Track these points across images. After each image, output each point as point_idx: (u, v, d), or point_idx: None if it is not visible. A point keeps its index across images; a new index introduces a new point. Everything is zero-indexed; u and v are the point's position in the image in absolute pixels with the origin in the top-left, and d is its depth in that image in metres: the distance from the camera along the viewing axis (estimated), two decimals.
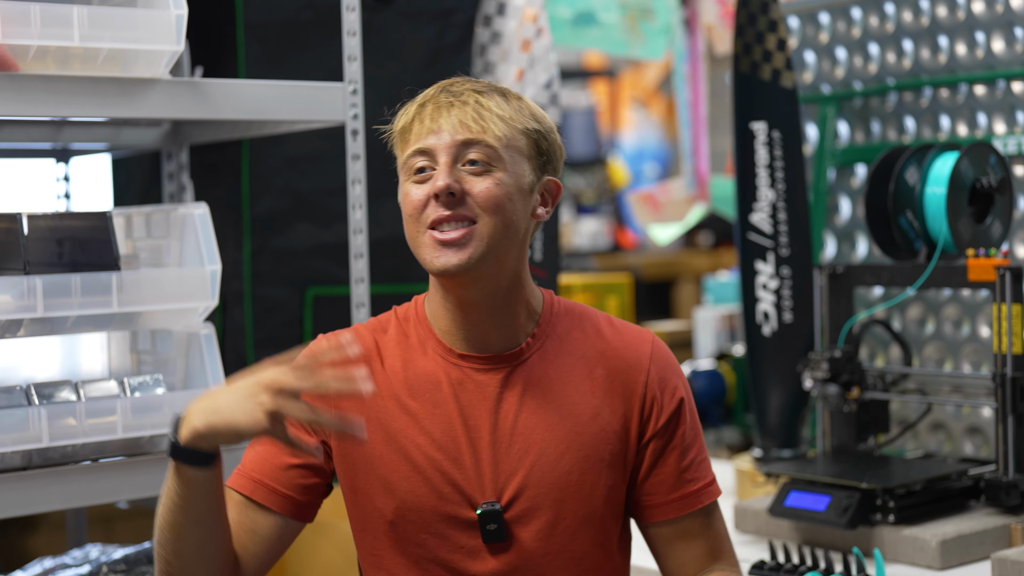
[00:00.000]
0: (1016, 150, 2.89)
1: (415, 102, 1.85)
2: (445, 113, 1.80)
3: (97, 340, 2.66)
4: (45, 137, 2.85)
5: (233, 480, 1.84)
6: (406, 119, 1.83)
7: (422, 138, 1.80)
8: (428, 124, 1.80)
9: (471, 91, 1.83)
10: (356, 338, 1.88)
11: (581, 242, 7.06)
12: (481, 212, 1.78)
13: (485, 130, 1.79)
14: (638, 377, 1.87)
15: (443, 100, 1.82)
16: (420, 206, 1.79)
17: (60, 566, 2.58)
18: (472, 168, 1.79)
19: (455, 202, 1.77)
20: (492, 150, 1.79)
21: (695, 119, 4.62)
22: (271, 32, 3.21)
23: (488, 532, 1.80)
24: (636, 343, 1.90)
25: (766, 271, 3.00)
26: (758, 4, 3.00)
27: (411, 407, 1.83)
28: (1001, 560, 2.23)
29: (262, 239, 3.22)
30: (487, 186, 1.78)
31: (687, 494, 1.87)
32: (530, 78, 3.29)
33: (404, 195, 1.82)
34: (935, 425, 3.04)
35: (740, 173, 3.05)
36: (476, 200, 1.78)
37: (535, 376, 1.84)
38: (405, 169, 1.82)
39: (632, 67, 7.88)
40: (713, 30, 4.57)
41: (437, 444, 1.81)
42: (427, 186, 1.79)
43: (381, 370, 1.85)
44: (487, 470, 1.81)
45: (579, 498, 1.83)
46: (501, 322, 1.84)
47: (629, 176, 8.00)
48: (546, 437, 1.82)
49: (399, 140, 1.84)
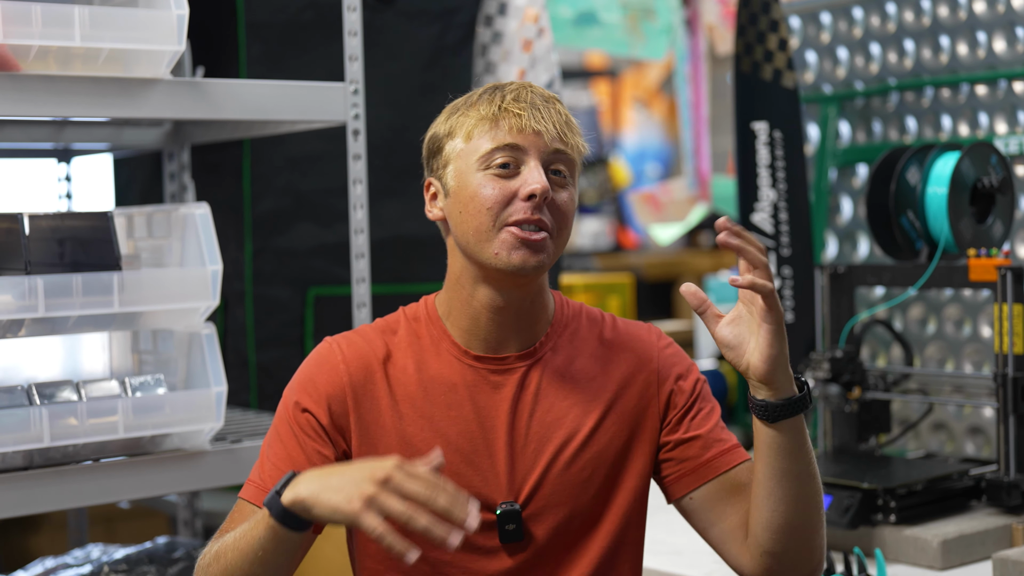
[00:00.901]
0: (1017, 150, 2.89)
1: (497, 94, 1.80)
2: (543, 115, 1.77)
3: (98, 340, 2.66)
4: (46, 137, 2.85)
5: (253, 494, 1.79)
6: (493, 108, 1.78)
7: (516, 134, 1.76)
8: (526, 119, 1.76)
9: (555, 99, 1.81)
10: (364, 341, 1.85)
11: (583, 242, 7.05)
12: (557, 225, 1.78)
13: (575, 144, 1.80)
14: (650, 367, 1.88)
15: (537, 101, 1.79)
16: (503, 201, 1.76)
17: (61, 566, 2.58)
18: (556, 179, 1.78)
19: (542, 206, 1.76)
20: (574, 165, 1.81)
21: (696, 119, 4.62)
22: (272, 32, 3.21)
23: (506, 532, 1.80)
24: (643, 336, 1.91)
25: None
26: (759, 4, 3.00)
27: (426, 410, 1.82)
28: (1002, 560, 2.23)
29: (263, 239, 3.22)
30: (566, 200, 1.79)
31: (719, 452, 1.85)
32: (531, 78, 3.29)
33: (479, 185, 1.77)
34: (936, 425, 3.04)
35: (741, 173, 3.05)
36: (556, 211, 1.77)
37: (549, 375, 1.84)
38: (484, 159, 1.77)
39: (634, 67, 7.88)
40: (714, 30, 4.57)
41: (453, 447, 1.80)
42: (511, 183, 1.76)
43: (394, 373, 1.83)
44: (503, 470, 1.80)
45: (595, 495, 1.83)
46: (524, 324, 1.84)
47: (631, 176, 7.99)
48: (561, 435, 1.82)
49: (480, 127, 1.78)
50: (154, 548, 2.58)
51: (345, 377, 1.82)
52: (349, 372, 1.82)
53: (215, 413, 2.32)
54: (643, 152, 8.19)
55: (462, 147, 1.80)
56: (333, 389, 1.81)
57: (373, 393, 1.82)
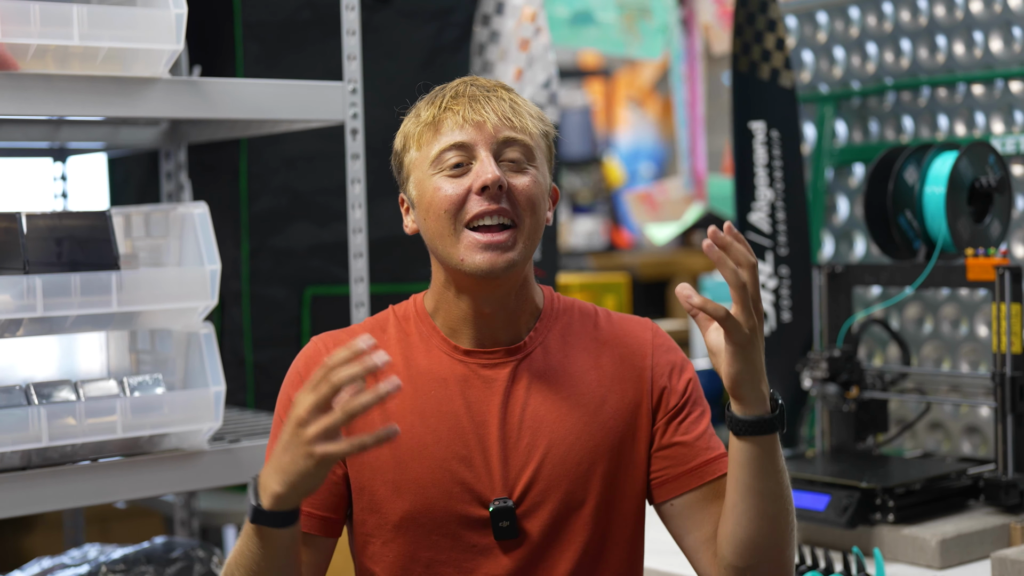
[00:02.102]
0: (1014, 150, 2.90)
1: (439, 96, 1.80)
2: (483, 106, 1.76)
3: (95, 340, 2.66)
4: (43, 136, 2.85)
5: None
6: (433, 111, 1.77)
7: (459, 131, 1.75)
8: (467, 116, 1.75)
9: (499, 87, 1.80)
10: (351, 338, 1.83)
11: (577, 241, 7.06)
12: (522, 212, 1.75)
13: (524, 128, 1.77)
14: (644, 362, 1.86)
15: (477, 93, 1.77)
16: (458, 202, 1.75)
17: (59, 566, 2.57)
18: (511, 165, 1.77)
19: (500, 196, 1.74)
20: (529, 148, 1.78)
21: (692, 118, 4.62)
22: (269, 31, 3.21)
23: (500, 529, 1.79)
24: (637, 331, 1.90)
25: (764, 270, 3.00)
26: (757, 3, 3.00)
27: (417, 406, 1.81)
28: (1001, 559, 2.23)
29: (260, 238, 3.22)
30: (527, 183, 1.76)
31: (705, 461, 1.84)
32: (528, 77, 3.29)
33: (434, 190, 1.76)
34: (933, 424, 3.04)
35: (739, 172, 3.05)
36: (518, 198, 1.75)
37: (541, 368, 1.83)
38: (436, 163, 1.77)
39: (628, 66, 7.89)
40: (710, 29, 4.57)
41: (445, 443, 1.79)
42: (465, 180, 1.75)
43: (383, 372, 1.83)
44: (496, 466, 1.79)
45: (590, 489, 1.81)
46: (510, 319, 1.83)
47: (625, 175, 8.00)
48: (554, 429, 1.81)
49: (425, 133, 1.78)
50: (152, 548, 2.57)
51: None
52: None
53: (214, 413, 2.32)
54: (637, 152, 8.19)
55: (416, 156, 1.80)
56: None
57: None
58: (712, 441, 1.87)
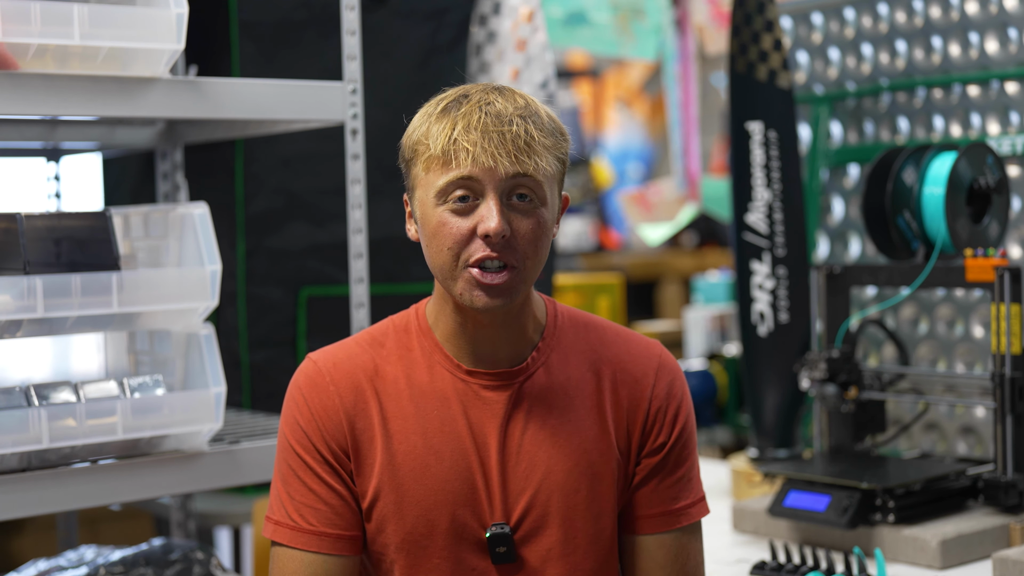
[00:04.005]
0: (1010, 151, 2.90)
1: (453, 114, 1.73)
2: (497, 146, 1.69)
3: (93, 340, 2.64)
4: (39, 136, 2.83)
5: (290, 537, 1.78)
6: (443, 141, 1.71)
7: (469, 167, 1.70)
8: (477, 153, 1.69)
9: (516, 115, 1.72)
10: (349, 358, 1.82)
11: (566, 242, 7.07)
12: (523, 256, 1.72)
13: (537, 166, 1.71)
14: (643, 392, 1.84)
15: (491, 127, 1.70)
16: (463, 240, 1.71)
17: (55, 568, 2.55)
18: (519, 205, 1.72)
19: (503, 244, 1.70)
20: (540, 185, 1.72)
21: (686, 119, 4.62)
22: (265, 31, 3.20)
23: (498, 555, 1.77)
24: (644, 356, 1.86)
25: (762, 271, 3.00)
26: (754, 4, 3.00)
27: (419, 426, 1.79)
28: (1002, 560, 2.23)
29: (256, 239, 3.21)
30: (532, 227, 1.72)
31: (670, 511, 1.84)
32: (526, 77, 3.29)
33: (439, 224, 1.72)
34: (929, 425, 3.05)
35: (736, 173, 3.05)
36: (520, 242, 1.71)
37: (542, 391, 1.80)
38: (440, 194, 1.72)
39: (616, 67, 7.89)
40: (704, 30, 4.57)
41: (447, 463, 1.77)
42: (470, 220, 1.71)
43: (383, 388, 1.80)
44: (496, 489, 1.78)
45: (588, 516, 1.80)
46: (512, 336, 1.80)
47: (613, 176, 8.00)
48: (553, 454, 1.79)
49: (434, 161, 1.73)
50: (150, 550, 2.56)
51: (337, 401, 1.79)
52: (340, 396, 1.80)
53: (214, 414, 2.30)
54: (625, 152, 8.20)
55: (422, 177, 1.75)
56: (329, 420, 1.79)
57: (365, 412, 1.80)
58: (685, 490, 1.85)
